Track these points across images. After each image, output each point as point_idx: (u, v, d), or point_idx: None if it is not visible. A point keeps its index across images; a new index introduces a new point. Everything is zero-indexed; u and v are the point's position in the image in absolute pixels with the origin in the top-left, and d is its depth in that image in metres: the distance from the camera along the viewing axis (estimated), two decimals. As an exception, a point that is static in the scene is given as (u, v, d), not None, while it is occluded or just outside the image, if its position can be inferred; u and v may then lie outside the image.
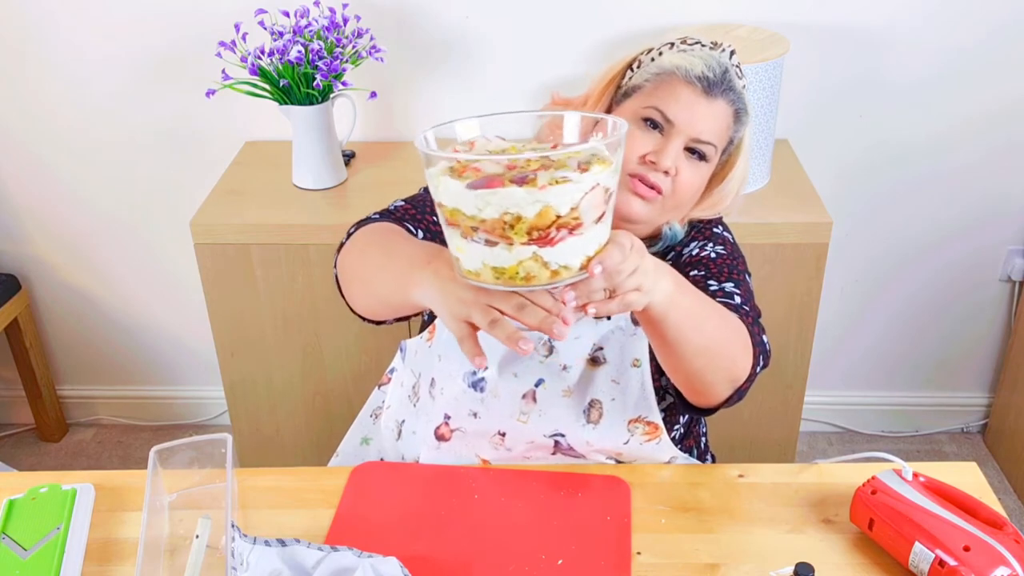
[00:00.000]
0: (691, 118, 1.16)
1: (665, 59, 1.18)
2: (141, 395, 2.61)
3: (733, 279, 1.24)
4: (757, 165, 1.94)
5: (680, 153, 1.17)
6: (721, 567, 1.13)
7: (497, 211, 0.82)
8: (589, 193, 0.83)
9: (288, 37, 1.85)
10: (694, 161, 1.18)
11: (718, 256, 1.26)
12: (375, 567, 1.07)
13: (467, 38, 2.11)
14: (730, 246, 1.29)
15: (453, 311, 0.92)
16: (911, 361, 2.48)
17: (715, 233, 1.30)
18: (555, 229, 0.83)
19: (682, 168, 1.17)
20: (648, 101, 1.18)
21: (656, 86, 1.18)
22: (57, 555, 1.13)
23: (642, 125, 1.18)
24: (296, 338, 2.00)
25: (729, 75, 1.18)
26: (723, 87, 1.17)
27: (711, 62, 1.17)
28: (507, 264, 0.85)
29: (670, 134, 1.17)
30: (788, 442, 2.11)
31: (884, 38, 2.07)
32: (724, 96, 1.17)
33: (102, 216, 2.33)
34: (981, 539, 1.05)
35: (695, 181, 1.20)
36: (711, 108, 1.17)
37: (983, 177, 2.22)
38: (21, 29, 2.12)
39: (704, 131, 1.17)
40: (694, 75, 1.16)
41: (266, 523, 1.20)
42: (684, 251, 1.28)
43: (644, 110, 1.18)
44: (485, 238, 0.84)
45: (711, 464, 1.39)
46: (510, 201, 0.82)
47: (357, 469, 1.28)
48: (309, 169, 2.00)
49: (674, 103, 1.16)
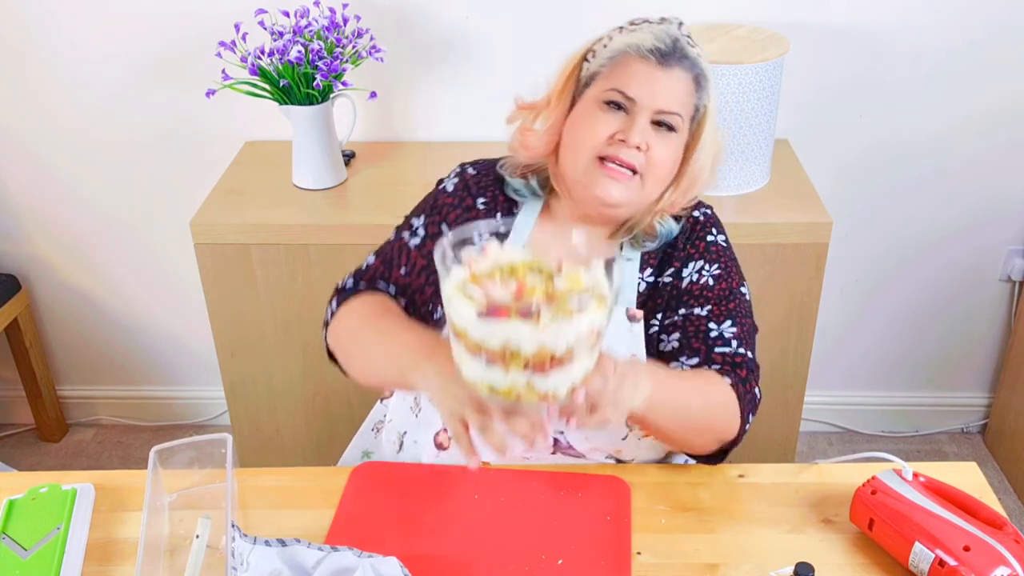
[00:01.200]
0: (651, 91, 1.17)
1: (616, 42, 1.20)
2: (141, 395, 2.61)
3: (732, 314, 1.25)
4: (757, 165, 1.94)
5: (647, 128, 1.18)
6: (721, 567, 1.13)
7: (499, 342, 0.91)
8: (584, 336, 0.93)
9: (288, 37, 1.85)
10: (663, 133, 1.19)
11: (716, 282, 1.26)
12: (375, 567, 1.07)
13: (467, 38, 2.11)
14: (724, 259, 1.29)
15: (451, 409, 1.02)
16: (911, 361, 2.48)
17: (709, 245, 1.28)
18: (549, 363, 0.92)
19: (653, 143, 1.18)
20: (607, 84, 1.19)
21: (611, 69, 1.19)
22: (57, 555, 1.13)
23: (606, 109, 1.19)
24: (296, 338, 2.00)
25: (680, 44, 1.19)
26: (676, 55, 1.18)
27: (660, 34, 1.19)
28: (501, 385, 0.94)
29: (634, 111, 1.18)
30: (788, 442, 2.11)
31: (884, 38, 2.07)
32: (679, 64, 1.18)
33: (102, 216, 2.33)
34: (981, 539, 1.05)
35: (668, 155, 1.20)
36: (668, 78, 1.18)
37: (983, 177, 2.22)
38: (21, 29, 2.12)
39: (666, 101, 1.18)
40: (646, 49, 1.17)
41: (266, 523, 1.20)
42: (684, 272, 1.27)
43: (605, 94, 1.19)
44: (486, 359, 0.93)
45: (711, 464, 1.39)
46: (513, 336, 0.91)
47: (357, 469, 1.28)
48: (309, 169, 2.00)
49: (631, 80, 1.17)
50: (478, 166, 1.33)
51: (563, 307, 0.92)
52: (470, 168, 1.33)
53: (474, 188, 1.30)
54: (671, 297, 1.27)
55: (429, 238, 1.29)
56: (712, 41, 1.91)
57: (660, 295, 1.27)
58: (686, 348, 1.24)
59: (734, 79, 1.82)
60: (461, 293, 0.94)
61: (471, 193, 1.30)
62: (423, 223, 1.30)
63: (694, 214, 1.30)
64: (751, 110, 1.86)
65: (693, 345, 1.24)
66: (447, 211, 1.29)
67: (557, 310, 0.91)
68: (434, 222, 1.30)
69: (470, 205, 1.29)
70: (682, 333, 1.25)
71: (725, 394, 1.19)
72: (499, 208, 1.29)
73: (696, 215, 1.30)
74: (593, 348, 0.96)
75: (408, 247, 1.30)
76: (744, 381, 1.23)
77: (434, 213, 1.30)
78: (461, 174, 1.32)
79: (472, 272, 0.97)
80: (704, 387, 1.19)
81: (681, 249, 1.28)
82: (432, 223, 1.30)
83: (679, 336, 1.25)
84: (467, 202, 1.29)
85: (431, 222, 1.30)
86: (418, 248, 1.29)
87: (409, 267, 1.29)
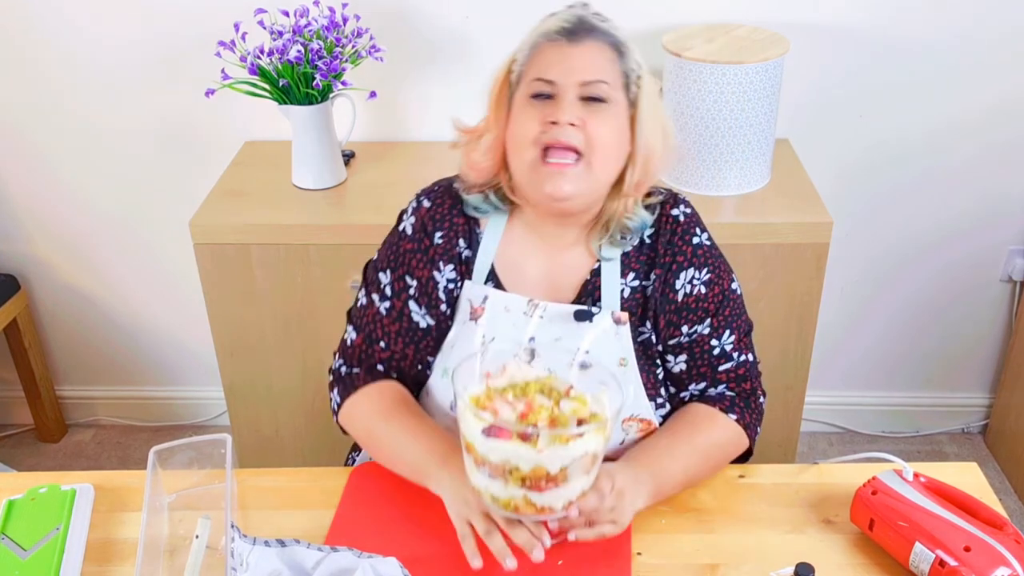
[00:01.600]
0: (568, 68, 1.16)
1: (527, 40, 1.21)
2: (140, 395, 2.60)
3: (728, 322, 1.27)
4: (757, 165, 1.94)
5: (576, 104, 1.16)
6: (721, 567, 1.13)
7: (499, 458, 1.01)
8: (579, 459, 1.01)
9: (288, 37, 1.85)
10: (595, 106, 1.17)
11: (708, 289, 1.26)
12: (375, 567, 1.07)
13: (467, 38, 2.11)
14: (712, 260, 1.27)
15: (460, 511, 1.10)
16: (911, 361, 2.48)
17: (696, 248, 1.26)
18: (544, 481, 1.01)
19: (587, 118, 1.16)
20: (528, 78, 1.19)
21: (530, 64, 1.19)
22: (57, 555, 1.13)
23: (535, 102, 1.18)
24: (296, 338, 2.00)
25: (587, 19, 1.19)
26: (585, 29, 1.18)
27: (565, 16, 1.20)
28: (502, 497, 1.04)
29: (558, 93, 1.17)
30: (788, 442, 2.11)
31: (884, 38, 2.07)
32: (589, 36, 1.18)
33: (101, 216, 2.33)
34: (981, 539, 1.05)
35: (607, 128, 1.18)
36: (582, 50, 1.17)
37: (983, 177, 2.22)
38: (21, 29, 2.12)
39: (584, 72, 1.16)
40: (553, 32, 1.18)
41: (266, 523, 1.20)
42: (677, 284, 1.25)
43: (529, 87, 1.18)
44: (489, 472, 1.02)
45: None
46: (512, 455, 1.00)
47: (357, 469, 1.28)
48: (309, 169, 1.99)
49: (548, 65, 1.17)
50: (433, 194, 1.31)
51: (563, 431, 1.00)
52: (425, 200, 1.30)
53: (430, 225, 1.28)
54: (669, 311, 1.26)
55: (396, 298, 1.28)
56: (712, 41, 1.91)
57: (650, 302, 1.26)
58: (693, 372, 1.28)
59: (734, 79, 1.82)
60: (471, 411, 1.03)
61: (427, 232, 1.28)
62: (390, 280, 1.29)
63: (672, 213, 1.27)
64: (751, 110, 1.85)
65: (700, 370, 1.28)
66: (409, 258, 1.28)
67: (554, 437, 0.99)
68: (399, 276, 1.28)
69: (428, 245, 1.28)
70: (688, 355, 1.28)
71: (729, 431, 1.26)
72: (458, 235, 1.27)
73: (675, 214, 1.27)
74: (589, 470, 1.04)
75: (381, 315, 1.29)
76: (750, 394, 1.29)
77: (399, 266, 1.29)
78: (417, 209, 1.30)
79: (488, 387, 1.09)
80: (706, 441, 1.24)
81: (664, 253, 1.26)
82: (398, 279, 1.28)
83: (686, 359, 1.28)
84: (425, 243, 1.28)
85: (396, 278, 1.29)
86: (388, 313, 1.29)
87: (388, 340, 1.29)
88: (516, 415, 1.04)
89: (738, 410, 1.27)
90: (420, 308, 1.28)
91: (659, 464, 1.19)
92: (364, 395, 1.28)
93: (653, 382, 1.28)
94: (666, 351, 1.28)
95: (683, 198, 1.30)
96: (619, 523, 1.10)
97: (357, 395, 1.29)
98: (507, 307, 1.25)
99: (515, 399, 1.07)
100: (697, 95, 1.85)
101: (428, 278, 1.28)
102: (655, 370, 1.28)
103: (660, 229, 1.27)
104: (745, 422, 1.27)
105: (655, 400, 1.27)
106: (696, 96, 1.86)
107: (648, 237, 1.27)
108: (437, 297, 1.28)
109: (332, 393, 1.33)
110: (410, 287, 1.28)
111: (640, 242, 1.27)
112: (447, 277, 1.28)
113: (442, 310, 1.29)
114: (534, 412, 1.05)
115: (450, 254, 1.28)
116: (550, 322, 1.24)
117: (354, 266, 1.82)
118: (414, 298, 1.28)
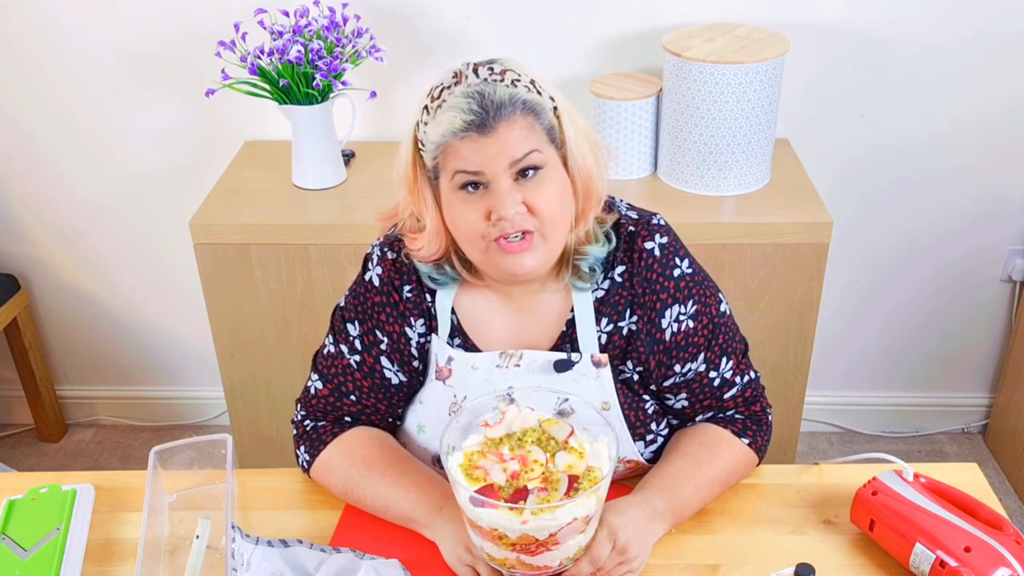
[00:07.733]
0: (489, 159, 1.07)
1: (430, 134, 1.10)
2: (141, 395, 2.60)
3: (724, 349, 1.23)
4: (757, 165, 1.94)
5: (513, 188, 1.08)
6: (722, 568, 1.13)
7: (487, 525, 1.00)
8: (567, 526, 0.99)
9: (288, 37, 1.85)
10: (532, 179, 1.09)
11: (696, 321, 1.20)
12: (377, 569, 1.07)
13: (467, 38, 2.11)
14: (695, 288, 1.20)
15: (461, 557, 1.10)
16: (911, 361, 2.48)
17: (678, 281, 1.19)
18: (535, 546, 1.00)
19: (528, 196, 1.09)
20: (450, 172, 1.10)
21: (444, 159, 1.10)
22: (57, 555, 1.13)
23: (466, 195, 1.10)
24: (296, 338, 2.00)
25: (486, 97, 1.07)
26: (492, 113, 1.06)
27: (465, 105, 1.07)
28: (496, 556, 1.04)
29: (489, 183, 1.09)
30: (788, 443, 2.11)
31: (884, 38, 2.07)
32: (501, 118, 1.07)
33: (102, 216, 2.33)
34: (982, 540, 1.05)
35: (549, 196, 1.10)
36: (497, 136, 1.07)
37: (983, 177, 2.22)
38: (21, 30, 2.12)
39: (510, 151, 1.07)
40: (460, 131, 1.07)
41: (266, 524, 1.20)
42: (663, 323, 1.19)
43: (454, 180, 1.10)
44: (479, 534, 1.03)
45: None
46: (497, 523, 0.99)
47: (357, 470, 1.28)
48: (309, 169, 1.99)
49: (466, 160, 1.08)
50: (398, 243, 1.23)
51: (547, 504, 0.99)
52: (389, 252, 1.23)
53: (397, 278, 1.22)
54: (659, 352, 1.21)
55: (367, 352, 1.24)
56: (712, 41, 1.91)
57: (632, 341, 1.20)
58: (697, 407, 1.26)
59: (734, 79, 1.82)
60: (462, 474, 1.03)
61: (395, 286, 1.22)
62: (359, 333, 1.24)
63: (647, 247, 1.18)
64: (751, 110, 1.86)
65: (704, 403, 1.26)
66: (378, 313, 1.23)
67: (540, 508, 0.98)
68: (369, 330, 1.24)
69: (397, 300, 1.22)
70: (688, 392, 1.24)
71: (742, 455, 1.25)
72: (424, 289, 1.23)
73: (650, 248, 1.18)
74: (583, 530, 1.03)
75: (352, 368, 1.25)
76: (760, 415, 1.28)
77: (367, 319, 1.24)
78: (382, 260, 1.23)
79: (486, 437, 1.08)
80: (723, 468, 1.22)
81: (644, 293, 1.19)
82: (367, 332, 1.24)
83: (686, 396, 1.25)
84: (394, 297, 1.23)
85: (366, 331, 1.24)
86: (360, 367, 1.25)
87: (359, 394, 1.26)
88: (508, 475, 1.03)
89: (750, 433, 1.25)
90: (392, 365, 1.24)
91: (676, 494, 1.17)
92: (334, 450, 1.24)
93: (642, 418, 1.24)
94: (662, 392, 1.25)
95: (657, 222, 1.21)
96: (635, 571, 1.10)
97: (328, 451, 1.25)
98: (474, 366, 1.21)
99: (510, 454, 1.05)
100: (697, 95, 1.86)
101: (400, 334, 1.23)
102: (643, 405, 1.24)
103: (634, 267, 1.19)
104: (757, 445, 1.26)
105: (644, 439, 1.25)
106: (696, 96, 1.86)
107: (619, 276, 1.19)
108: (410, 354, 1.24)
109: (299, 450, 1.28)
110: (381, 342, 1.23)
111: (611, 282, 1.20)
112: (418, 332, 1.23)
113: (414, 366, 1.25)
114: (527, 469, 1.03)
115: (420, 308, 1.22)
116: (528, 371, 1.20)
117: (354, 266, 1.83)
118: (386, 354, 1.24)
